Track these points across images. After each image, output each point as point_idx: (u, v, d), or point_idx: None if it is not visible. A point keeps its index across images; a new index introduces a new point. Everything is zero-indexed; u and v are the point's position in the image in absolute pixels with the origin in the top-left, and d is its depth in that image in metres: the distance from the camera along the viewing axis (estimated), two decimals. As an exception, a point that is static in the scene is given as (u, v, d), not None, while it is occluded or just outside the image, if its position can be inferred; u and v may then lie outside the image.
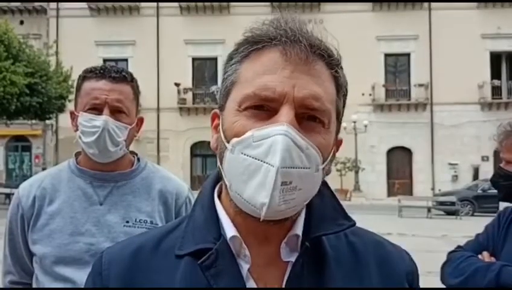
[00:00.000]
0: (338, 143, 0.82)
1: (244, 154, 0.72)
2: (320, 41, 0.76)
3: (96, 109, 1.57)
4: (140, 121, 1.71)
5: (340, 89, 0.79)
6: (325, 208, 0.82)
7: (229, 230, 0.77)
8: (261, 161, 0.70)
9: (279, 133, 0.70)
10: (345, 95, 0.81)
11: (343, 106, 0.81)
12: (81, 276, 1.48)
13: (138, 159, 1.74)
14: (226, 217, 0.79)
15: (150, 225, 1.60)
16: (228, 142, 0.74)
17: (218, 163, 0.78)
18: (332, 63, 0.77)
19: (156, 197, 1.66)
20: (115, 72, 1.60)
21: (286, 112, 0.72)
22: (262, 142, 0.71)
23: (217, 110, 0.82)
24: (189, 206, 1.69)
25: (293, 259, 0.78)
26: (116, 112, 1.59)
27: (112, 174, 1.64)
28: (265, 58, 0.75)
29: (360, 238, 0.86)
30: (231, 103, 0.77)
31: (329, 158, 0.77)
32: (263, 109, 0.74)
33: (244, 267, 0.76)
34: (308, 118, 0.74)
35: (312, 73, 0.74)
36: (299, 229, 0.79)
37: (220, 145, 0.77)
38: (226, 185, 0.76)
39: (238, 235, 0.76)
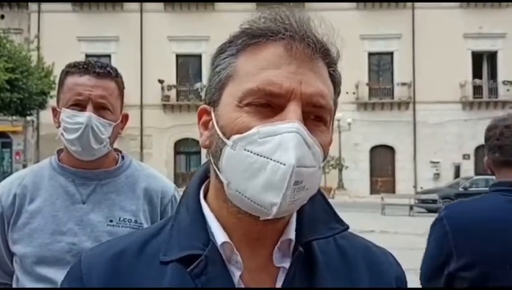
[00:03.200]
0: (330, 142, 0.80)
1: (248, 151, 0.68)
2: (322, 39, 0.73)
3: (79, 105, 1.53)
4: (125, 117, 1.67)
5: (337, 87, 0.78)
6: (317, 211, 0.79)
7: (220, 235, 0.73)
8: (267, 158, 0.67)
9: (290, 130, 0.67)
10: (339, 94, 0.80)
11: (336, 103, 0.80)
12: (62, 277, 1.44)
13: (123, 157, 1.69)
14: (215, 221, 0.75)
15: (134, 224, 1.56)
16: (228, 138, 0.70)
17: (212, 161, 0.75)
18: (331, 61, 0.75)
19: (141, 196, 1.62)
20: (99, 67, 1.56)
21: (294, 109, 0.69)
22: (270, 139, 0.67)
23: (206, 106, 0.78)
24: (175, 205, 1.64)
25: (284, 264, 0.75)
26: (100, 109, 1.55)
27: (95, 172, 1.60)
28: (268, 53, 0.71)
29: (349, 241, 0.84)
30: (228, 98, 0.73)
31: (326, 157, 0.75)
32: (266, 106, 0.70)
33: (236, 273, 0.73)
34: (313, 117, 0.72)
35: (316, 70, 0.72)
36: (291, 233, 0.76)
37: (216, 142, 0.73)
38: (222, 184, 0.72)
39: (229, 241, 0.73)
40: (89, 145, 1.53)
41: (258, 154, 0.68)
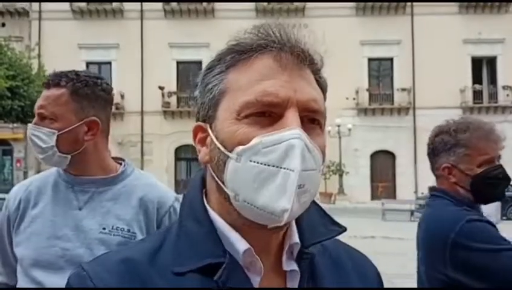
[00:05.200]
0: None
1: (254, 162, 0.70)
2: (308, 48, 0.76)
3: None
4: (93, 124, 1.61)
5: (324, 93, 0.81)
6: (312, 215, 0.82)
7: (240, 243, 0.75)
8: (277, 166, 0.69)
9: (294, 137, 0.70)
10: (325, 99, 0.82)
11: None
12: (52, 281, 1.48)
13: (124, 166, 1.70)
14: (231, 230, 0.76)
15: (127, 233, 1.57)
16: (230, 151, 0.72)
17: (215, 175, 0.76)
18: (317, 68, 0.79)
19: (136, 206, 1.62)
20: (53, 78, 1.60)
21: (293, 116, 0.72)
22: (274, 147, 0.70)
23: (201, 123, 0.79)
24: (174, 216, 1.64)
25: (291, 268, 0.78)
26: (42, 118, 1.59)
27: (92, 179, 1.62)
28: (259, 65, 0.74)
29: (333, 245, 0.88)
30: (224, 113, 0.75)
31: (324, 159, 0.78)
32: (264, 115, 0.73)
33: (255, 279, 0.74)
34: (308, 120, 0.75)
35: (306, 77, 0.76)
36: (296, 237, 0.79)
37: (218, 156, 0.74)
38: (225, 196, 0.74)
39: (251, 247, 0.74)
40: (39, 155, 1.61)
41: (265, 164, 0.69)
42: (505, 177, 1.77)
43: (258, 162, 0.70)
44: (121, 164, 1.72)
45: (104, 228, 1.56)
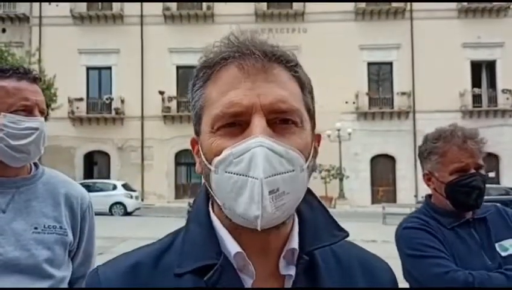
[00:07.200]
0: (317, 138, 0.84)
1: (228, 172, 0.73)
2: (273, 47, 0.78)
3: (25, 110, 1.52)
4: None
5: (304, 86, 0.81)
6: (317, 220, 0.83)
7: (232, 246, 0.77)
8: (246, 175, 0.72)
9: (255, 145, 0.71)
10: (311, 92, 0.83)
11: (312, 101, 0.83)
12: None
13: (36, 165, 1.67)
14: (227, 233, 0.79)
15: (60, 230, 1.56)
16: (210, 163, 0.75)
17: (207, 185, 0.79)
18: (289, 64, 0.79)
19: (62, 202, 1.62)
20: (30, 72, 1.56)
21: (257, 122, 0.73)
22: (242, 157, 0.72)
23: (195, 136, 0.84)
24: (92, 211, 1.71)
25: (289, 272, 0.79)
26: (42, 114, 1.56)
27: (12, 179, 1.56)
28: (225, 77, 0.77)
29: (344, 249, 0.88)
30: (204, 127, 0.79)
31: (311, 155, 0.78)
32: (235, 125, 0.75)
33: (248, 282, 0.77)
34: (280, 121, 0.76)
35: (272, 79, 0.76)
36: (295, 242, 0.80)
37: (204, 168, 0.78)
38: (218, 204, 0.77)
39: (242, 251, 0.77)
40: (37, 150, 1.54)
41: (237, 174, 0.72)
42: (477, 186, 1.76)
43: (231, 173, 0.73)
44: (30, 163, 1.67)
45: (36, 228, 1.53)
